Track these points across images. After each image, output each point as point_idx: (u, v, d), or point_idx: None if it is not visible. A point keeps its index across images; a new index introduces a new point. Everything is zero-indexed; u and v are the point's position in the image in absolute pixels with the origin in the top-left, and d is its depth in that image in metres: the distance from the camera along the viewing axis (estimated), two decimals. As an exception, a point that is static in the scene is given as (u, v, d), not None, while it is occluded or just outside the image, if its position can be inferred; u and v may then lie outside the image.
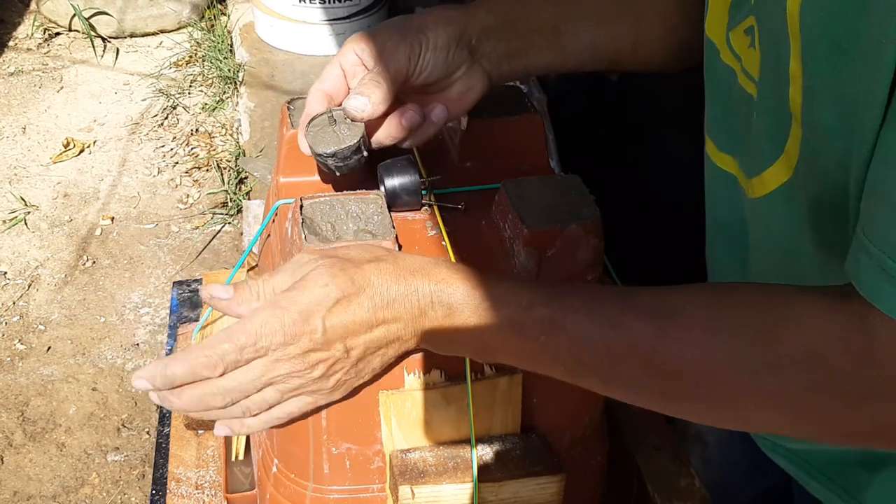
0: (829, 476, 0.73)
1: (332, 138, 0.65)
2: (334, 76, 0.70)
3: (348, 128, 0.66)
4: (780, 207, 0.60)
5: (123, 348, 2.01)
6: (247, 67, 2.63)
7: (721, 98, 0.68)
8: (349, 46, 0.69)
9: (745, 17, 0.62)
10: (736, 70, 0.64)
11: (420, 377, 0.62)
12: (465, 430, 0.63)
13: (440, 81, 0.70)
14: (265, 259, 0.77)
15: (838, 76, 0.49)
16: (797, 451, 0.76)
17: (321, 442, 0.63)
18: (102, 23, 2.99)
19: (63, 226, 2.34)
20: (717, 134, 0.70)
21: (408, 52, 0.67)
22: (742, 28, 0.63)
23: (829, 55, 0.49)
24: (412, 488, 0.60)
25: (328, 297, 0.55)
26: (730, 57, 0.65)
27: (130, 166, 2.53)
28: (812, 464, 0.75)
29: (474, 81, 0.71)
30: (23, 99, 2.79)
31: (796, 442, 0.76)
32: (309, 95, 0.69)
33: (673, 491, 0.76)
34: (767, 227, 0.64)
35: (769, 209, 0.62)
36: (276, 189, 0.74)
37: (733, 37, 0.64)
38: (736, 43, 0.64)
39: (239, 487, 0.79)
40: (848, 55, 0.48)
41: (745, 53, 0.62)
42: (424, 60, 0.68)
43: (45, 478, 1.74)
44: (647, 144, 1.81)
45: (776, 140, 0.58)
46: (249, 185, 2.37)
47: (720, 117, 0.69)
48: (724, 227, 0.73)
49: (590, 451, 0.71)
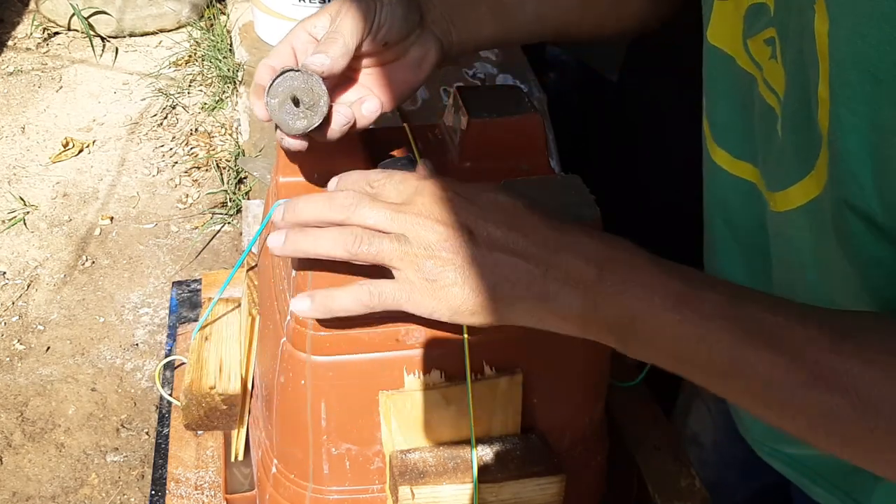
0: (833, 482, 0.73)
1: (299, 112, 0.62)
2: (283, 53, 0.66)
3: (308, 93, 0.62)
4: (809, 222, 0.59)
5: (122, 348, 2.01)
6: (246, 67, 2.63)
7: (739, 105, 0.66)
8: (300, 25, 0.67)
9: (765, 27, 0.61)
10: (757, 78, 0.63)
11: (420, 377, 0.62)
12: (465, 431, 0.63)
13: (398, 45, 0.68)
14: (265, 259, 0.77)
15: (871, 106, 0.48)
16: (799, 457, 0.76)
17: (321, 442, 0.63)
18: (101, 22, 2.99)
19: (62, 226, 2.34)
20: (732, 141, 0.69)
21: (363, 8, 0.65)
22: (762, 38, 0.61)
23: (863, 85, 0.48)
24: (412, 489, 0.60)
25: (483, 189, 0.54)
26: (749, 64, 0.64)
27: (130, 166, 2.53)
28: (816, 470, 0.74)
29: (429, 47, 0.70)
30: (22, 98, 2.78)
31: (798, 447, 0.75)
32: (258, 69, 0.66)
33: (673, 491, 0.76)
34: (794, 239, 0.62)
35: (797, 223, 0.60)
36: (276, 189, 0.74)
37: (752, 45, 0.63)
38: (755, 51, 0.63)
39: (238, 488, 0.78)
40: (884, 86, 0.47)
41: (767, 64, 0.61)
42: (382, 16, 0.65)
43: (44, 478, 1.74)
44: (647, 144, 1.81)
45: (805, 157, 0.56)
46: (249, 184, 2.37)
47: (737, 124, 0.67)
48: (741, 235, 0.72)
49: (590, 452, 0.71)
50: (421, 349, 0.62)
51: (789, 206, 0.60)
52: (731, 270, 0.75)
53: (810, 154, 0.56)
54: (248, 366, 0.79)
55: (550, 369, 0.64)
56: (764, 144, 0.64)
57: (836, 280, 0.58)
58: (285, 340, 0.63)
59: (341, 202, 0.54)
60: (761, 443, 0.80)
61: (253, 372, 0.79)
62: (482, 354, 0.62)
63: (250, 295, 0.82)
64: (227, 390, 0.76)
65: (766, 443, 0.79)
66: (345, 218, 0.54)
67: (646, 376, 0.83)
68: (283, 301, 0.64)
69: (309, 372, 0.61)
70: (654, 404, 0.84)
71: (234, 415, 0.77)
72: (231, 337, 0.83)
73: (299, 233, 0.55)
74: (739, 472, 0.92)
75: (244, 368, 0.78)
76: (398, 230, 0.53)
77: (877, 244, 0.52)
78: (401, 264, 0.53)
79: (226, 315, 0.85)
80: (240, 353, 0.80)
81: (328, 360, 0.61)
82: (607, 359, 0.69)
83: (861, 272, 0.56)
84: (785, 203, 0.61)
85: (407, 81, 0.69)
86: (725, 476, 0.93)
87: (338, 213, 0.54)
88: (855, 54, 0.48)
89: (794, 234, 0.62)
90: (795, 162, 0.58)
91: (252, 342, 0.80)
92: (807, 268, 0.62)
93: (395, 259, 0.53)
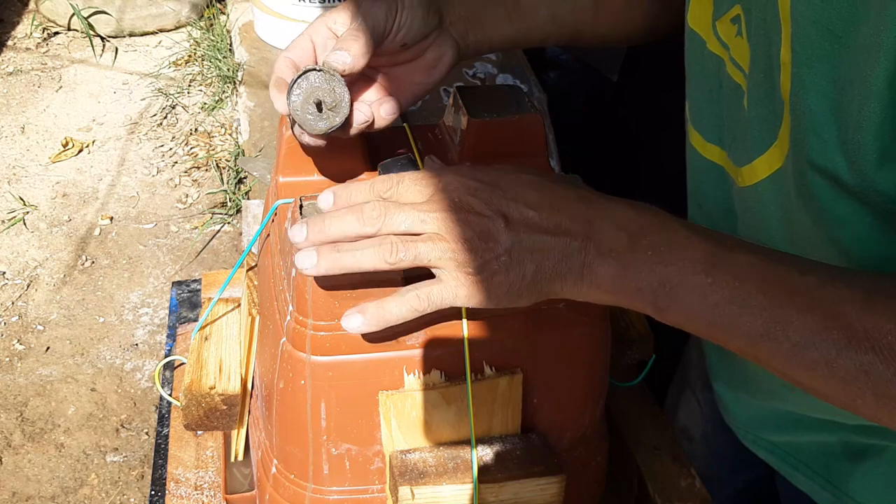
0: (813, 468, 0.74)
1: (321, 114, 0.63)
2: (303, 46, 0.66)
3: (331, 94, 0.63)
4: (775, 193, 0.60)
5: (122, 348, 2.01)
6: (246, 67, 2.63)
7: (708, 88, 0.68)
8: (321, 20, 0.67)
9: (731, 6, 0.62)
10: (724, 59, 0.64)
11: (420, 377, 0.62)
12: (465, 431, 0.63)
13: (416, 46, 0.69)
14: (264, 259, 0.77)
15: (831, 62, 0.49)
16: (780, 444, 0.77)
17: (321, 442, 0.63)
18: (101, 22, 2.99)
19: (62, 226, 2.33)
20: (704, 124, 0.70)
21: (384, 8, 0.65)
22: (728, 17, 0.63)
23: (822, 42, 0.49)
24: (412, 489, 0.60)
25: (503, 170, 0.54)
26: (717, 46, 0.65)
27: (129, 166, 2.53)
28: (796, 456, 0.76)
29: (445, 48, 0.70)
30: (21, 98, 2.78)
31: (780, 435, 0.76)
32: (277, 62, 0.66)
33: (673, 491, 0.76)
34: (759, 215, 0.63)
35: (761, 196, 0.61)
36: (276, 189, 0.74)
37: (720, 26, 0.64)
38: (723, 32, 0.64)
39: (238, 488, 0.78)
40: (842, 42, 0.48)
41: (733, 42, 0.62)
42: (403, 17, 0.66)
43: (43, 478, 1.74)
44: (647, 144, 1.81)
45: (769, 128, 0.58)
46: (249, 184, 2.37)
47: (706, 108, 0.69)
48: (710, 218, 0.73)
49: (590, 452, 0.71)
50: (421, 349, 0.62)
51: (755, 179, 0.61)
52: None
53: (774, 124, 0.57)
54: (248, 366, 0.79)
55: (550, 369, 0.64)
56: (730, 123, 0.65)
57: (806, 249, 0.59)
58: (285, 340, 0.63)
59: (370, 214, 0.54)
60: (745, 431, 0.80)
61: (253, 372, 0.79)
62: (482, 354, 0.62)
63: (250, 295, 0.81)
64: (226, 390, 0.76)
65: (750, 430, 0.80)
66: (377, 230, 0.54)
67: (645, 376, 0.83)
68: (283, 301, 0.64)
69: (309, 372, 0.61)
70: (655, 404, 0.84)
71: (234, 415, 0.77)
72: (231, 337, 0.83)
73: (333, 250, 0.54)
74: (728, 465, 0.92)
75: (244, 368, 0.78)
76: (432, 230, 0.53)
77: (843, 202, 0.53)
78: (441, 263, 0.53)
79: (226, 315, 0.85)
80: (240, 353, 0.80)
81: (328, 360, 0.61)
82: (607, 359, 0.69)
83: (828, 235, 0.56)
84: (752, 177, 0.61)
85: (422, 83, 0.70)
86: (715, 469, 0.93)
87: (369, 225, 0.54)
88: (814, 13, 0.49)
89: (760, 209, 0.63)
90: (759, 134, 0.59)
91: (252, 342, 0.80)
92: (775, 241, 0.62)
93: (434, 259, 0.53)
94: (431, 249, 0.53)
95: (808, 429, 0.73)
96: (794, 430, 0.75)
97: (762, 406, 0.76)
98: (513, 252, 0.52)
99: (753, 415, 0.79)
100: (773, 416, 0.76)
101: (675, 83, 0.90)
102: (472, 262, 0.52)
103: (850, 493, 0.72)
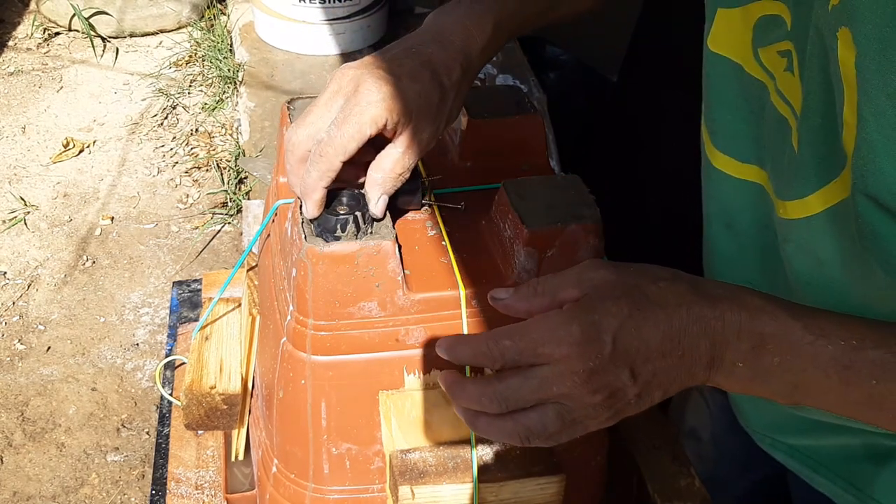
0: (835, 471, 0.73)
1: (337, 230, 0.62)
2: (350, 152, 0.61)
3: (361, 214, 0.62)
4: (830, 226, 0.59)
5: (123, 348, 2.01)
6: (246, 67, 2.63)
7: (748, 110, 0.67)
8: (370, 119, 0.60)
9: (780, 39, 0.61)
10: (769, 87, 0.63)
11: (420, 377, 0.62)
12: (464, 431, 0.63)
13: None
14: (265, 259, 0.77)
15: None
16: (800, 448, 0.76)
17: (321, 442, 0.63)
18: (102, 22, 2.99)
19: (63, 226, 2.34)
20: (738, 146, 0.69)
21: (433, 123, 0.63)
22: (775, 49, 0.62)
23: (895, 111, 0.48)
24: (412, 488, 0.60)
25: (620, 312, 0.51)
26: (760, 72, 0.64)
27: (130, 166, 2.53)
28: (816, 459, 0.75)
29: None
30: (22, 99, 2.78)
31: (799, 438, 0.76)
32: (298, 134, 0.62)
33: (673, 491, 0.76)
34: (814, 244, 0.62)
35: (816, 228, 0.60)
36: (276, 189, 0.74)
37: (764, 54, 0.63)
38: (767, 60, 0.63)
39: (239, 488, 0.79)
40: None
41: (781, 76, 0.61)
42: (451, 117, 0.66)
43: (44, 478, 1.74)
44: (647, 144, 1.81)
45: (827, 169, 0.57)
46: (249, 185, 2.37)
47: (744, 129, 0.68)
48: (743, 237, 0.72)
49: (590, 451, 0.71)
50: (421, 349, 0.62)
51: (807, 213, 0.60)
52: (730, 271, 0.75)
53: (832, 169, 0.56)
54: (249, 365, 0.79)
55: (550, 369, 0.64)
56: (774, 152, 0.64)
57: (863, 277, 0.58)
58: (285, 340, 0.63)
59: (520, 435, 0.54)
60: (762, 434, 0.80)
61: (253, 372, 0.79)
62: (482, 354, 0.62)
63: (250, 295, 0.82)
64: (227, 390, 0.76)
65: (767, 434, 0.79)
66: (524, 441, 0.55)
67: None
68: (283, 301, 0.64)
69: (309, 372, 0.62)
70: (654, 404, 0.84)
71: (235, 414, 0.77)
72: (231, 337, 0.83)
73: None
74: (737, 466, 0.92)
75: (244, 368, 0.78)
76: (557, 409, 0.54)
77: None
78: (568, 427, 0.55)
79: (226, 315, 0.85)
80: (240, 352, 0.80)
81: (328, 359, 0.61)
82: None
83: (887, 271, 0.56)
84: (802, 210, 0.61)
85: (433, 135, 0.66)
86: (723, 470, 0.93)
87: (517, 440, 0.55)
88: (885, 84, 0.48)
89: (811, 238, 0.62)
90: (815, 175, 0.58)
91: (252, 342, 0.80)
92: (829, 269, 0.62)
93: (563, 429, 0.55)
94: (558, 424, 0.55)
95: (829, 432, 0.72)
96: (815, 433, 0.74)
97: (780, 410, 0.75)
98: (642, 394, 0.53)
99: (771, 419, 0.78)
100: (791, 420, 0.75)
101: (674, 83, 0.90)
102: (608, 419, 0.55)
103: (874, 495, 0.71)
